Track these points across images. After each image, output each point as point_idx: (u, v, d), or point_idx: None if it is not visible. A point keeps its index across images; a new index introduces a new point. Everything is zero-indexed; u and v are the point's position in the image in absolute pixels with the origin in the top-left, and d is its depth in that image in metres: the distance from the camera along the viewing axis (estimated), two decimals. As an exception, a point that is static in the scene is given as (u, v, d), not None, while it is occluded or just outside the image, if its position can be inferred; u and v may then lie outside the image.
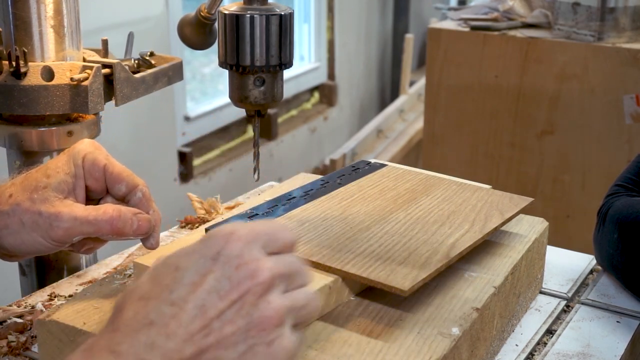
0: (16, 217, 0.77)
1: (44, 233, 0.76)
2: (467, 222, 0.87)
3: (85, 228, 0.76)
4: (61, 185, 0.78)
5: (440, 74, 2.44)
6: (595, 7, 2.16)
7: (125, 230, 0.77)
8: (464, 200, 0.93)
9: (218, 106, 3.38)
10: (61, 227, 0.76)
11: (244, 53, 0.83)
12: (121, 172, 0.80)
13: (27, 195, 0.77)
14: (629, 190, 1.05)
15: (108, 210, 0.77)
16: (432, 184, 0.99)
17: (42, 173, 0.79)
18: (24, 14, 0.98)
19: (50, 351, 0.74)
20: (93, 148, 0.81)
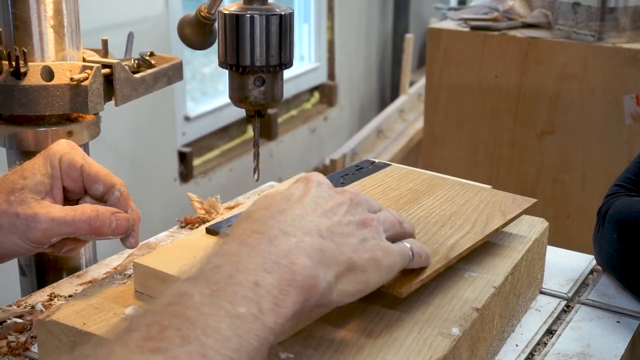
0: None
1: (21, 235, 0.76)
2: (468, 223, 0.87)
3: (63, 229, 0.76)
4: (38, 186, 0.78)
5: (440, 74, 2.44)
6: (595, 7, 2.16)
7: (104, 230, 0.77)
8: (467, 201, 0.93)
9: (218, 106, 3.38)
10: (39, 229, 0.76)
11: (244, 53, 0.83)
12: (98, 171, 0.80)
13: (4, 198, 0.77)
14: (629, 190, 1.05)
15: (86, 210, 0.77)
16: (435, 184, 0.99)
17: (19, 175, 0.78)
18: (24, 14, 0.98)
19: (50, 351, 0.74)
20: (69, 148, 0.80)
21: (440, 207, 0.91)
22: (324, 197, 0.66)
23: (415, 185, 0.98)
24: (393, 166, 1.06)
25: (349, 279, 0.62)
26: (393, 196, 0.94)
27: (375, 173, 1.02)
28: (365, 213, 0.67)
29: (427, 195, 0.95)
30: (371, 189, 0.97)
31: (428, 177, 1.01)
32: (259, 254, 0.57)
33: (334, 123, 4.25)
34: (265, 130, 3.65)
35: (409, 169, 1.05)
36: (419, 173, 1.03)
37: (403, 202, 0.92)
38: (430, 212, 0.90)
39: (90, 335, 0.70)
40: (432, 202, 0.93)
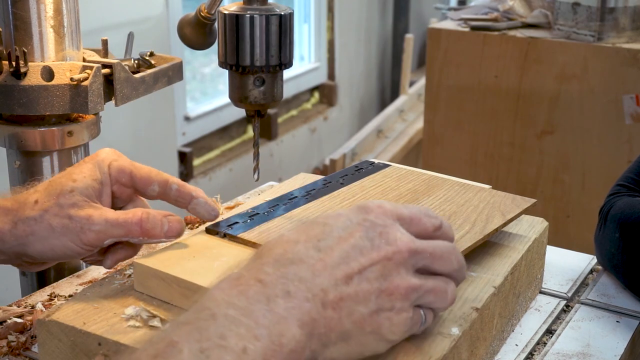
0: (44, 223, 0.76)
1: (74, 237, 0.76)
2: (468, 223, 0.87)
3: (116, 231, 0.76)
4: (88, 189, 0.78)
5: (440, 74, 2.44)
6: (595, 7, 2.16)
7: (155, 232, 0.77)
8: (466, 201, 0.93)
9: (218, 106, 3.38)
10: (93, 230, 0.76)
11: (244, 53, 0.83)
12: (149, 173, 0.81)
13: (54, 200, 0.77)
14: (631, 190, 1.05)
15: (137, 213, 0.77)
16: (434, 185, 0.99)
17: (67, 177, 0.78)
18: (24, 14, 0.98)
19: (50, 351, 0.74)
20: (116, 156, 0.81)
21: (440, 207, 0.91)
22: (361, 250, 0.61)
23: (414, 186, 0.98)
24: (392, 166, 1.06)
25: (341, 348, 0.60)
26: (392, 196, 0.94)
27: (374, 174, 1.02)
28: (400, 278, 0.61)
29: (426, 196, 0.95)
30: (371, 189, 0.97)
31: (427, 177, 1.02)
32: (253, 316, 0.55)
33: (334, 123, 4.25)
34: (265, 130, 3.65)
35: (408, 169, 1.05)
36: (418, 173, 1.03)
37: (402, 202, 0.92)
38: None
39: (90, 335, 0.71)
40: (432, 202, 0.93)
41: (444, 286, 0.64)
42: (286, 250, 0.60)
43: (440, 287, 0.64)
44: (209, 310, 0.55)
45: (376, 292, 0.60)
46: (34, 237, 0.76)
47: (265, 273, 0.58)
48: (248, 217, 0.86)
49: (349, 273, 0.60)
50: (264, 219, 0.86)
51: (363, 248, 0.61)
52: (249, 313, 0.55)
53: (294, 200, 0.93)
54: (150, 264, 0.76)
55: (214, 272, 0.75)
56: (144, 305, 0.74)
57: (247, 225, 0.84)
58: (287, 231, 0.64)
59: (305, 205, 0.91)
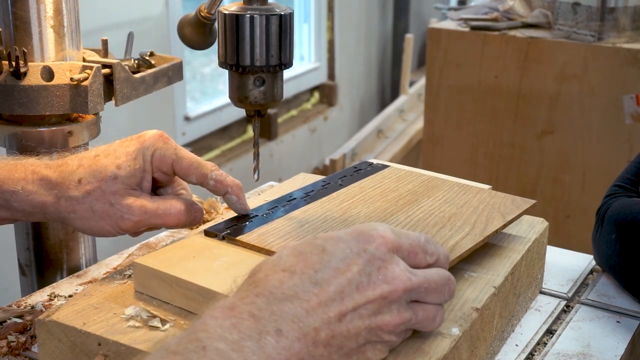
0: (86, 205, 0.80)
1: (113, 223, 0.81)
2: (468, 224, 0.87)
3: (154, 220, 0.82)
4: (130, 178, 0.82)
5: (440, 74, 2.44)
6: (595, 7, 2.16)
7: (188, 222, 0.84)
8: (466, 202, 0.93)
9: (218, 106, 3.38)
10: (132, 220, 0.81)
11: (244, 53, 0.83)
12: (189, 165, 0.84)
13: (97, 184, 0.81)
14: (628, 191, 1.05)
15: (175, 205, 0.83)
16: (433, 186, 0.98)
17: (112, 161, 0.82)
18: (24, 14, 0.98)
19: (50, 351, 0.74)
20: (162, 143, 0.85)
21: (440, 209, 0.91)
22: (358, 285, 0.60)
23: (414, 187, 0.98)
24: (391, 167, 1.05)
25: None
26: (392, 198, 0.94)
27: (373, 175, 1.02)
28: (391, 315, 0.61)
29: (425, 197, 0.94)
30: (370, 190, 0.96)
31: (427, 178, 1.01)
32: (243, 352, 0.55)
33: (334, 123, 4.25)
34: (265, 130, 3.65)
35: (407, 170, 1.05)
36: (417, 174, 1.03)
37: (402, 203, 0.92)
38: (430, 213, 0.89)
39: (90, 335, 0.71)
40: (431, 203, 0.92)
41: (433, 314, 0.65)
42: (282, 282, 0.59)
43: (430, 315, 0.65)
44: (199, 342, 0.55)
45: (367, 328, 0.60)
46: (75, 215, 0.81)
47: (259, 308, 0.57)
48: (247, 219, 0.86)
49: (343, 311, 0.59)
50: (263, 220, 0.86)
51: (359, 284, 0.60)
52: (239, 349, 0.55)
53: (293, 202, 0.92)
54: (150, 264, 0.76)
55: (213, 272, 0.75)
56: (144, 306, 0.74)
57: (247, 227, 0.84)
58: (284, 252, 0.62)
59: (304, 207, 0.91)
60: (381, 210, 0.90)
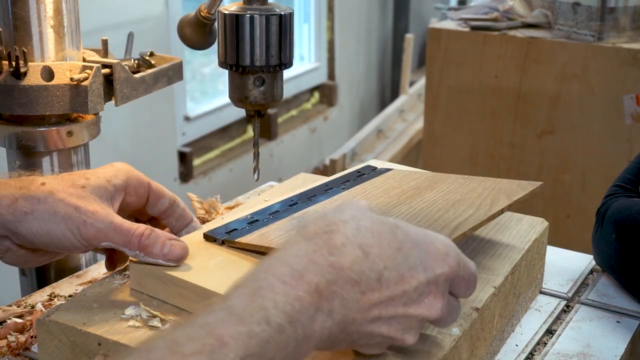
0: (48, 205, 0.74)
1: (74, 228, 0.74)
2: (472, 207, 0.85)
3: (117, 237, 0.75)
4: (100, 189, 0.77)
5: (440, 74, 2.44)
6: (595, 7, 2.16)
7: (154, 251, 0.75)
8: (470, 190, 0.91)
9: (218, 106, 3.38)
10: (94, 227, 0.74)
11: (243, 53, 0.83)
12: (161, 187, 0.83)
13: (64, 188, 0.75)
14: (627, 191, 1.05)
15: (141, 227, 0.76)
16: (437, 180, 0.97)
17: (81, 175, 0.78)
18: (24, 14, 0.98)
19: (50, 351, 0.74)
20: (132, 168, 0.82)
21: (444, 198, 0.89)
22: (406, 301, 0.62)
23: (417, 183, 0.96)
24: (395, 170, 1.04)
25: None
26: (395, 194, 0.93)
27: (377, 177, 1.01)
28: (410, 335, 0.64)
29: (429, 190, 0.93)
30: (373, 189, 0.96)
31: (431, 175, 1.00)
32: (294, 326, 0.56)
33: (334, 123, 4.25)
34: (265, 130, 3.65)
35: (411, 170, 1.03)
36: (422, 173, 1.02)
37: (405, 197, 0.91)
38: (433, 202, 0.87)
39: (90, 335, 0.70)
40: (435, 194, 0.91)
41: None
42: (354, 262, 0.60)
43: None
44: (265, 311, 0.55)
45: (387, 336, 0.62)
46: (33, 217, 0.74)
47: (326, 282, 0.58)
48: (247, 224, 0.85)
49: (382, 316, 0.61)
50: (264, 223, 0.85)
51: (409, 299, 0.62)
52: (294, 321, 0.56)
53: (294, 207, 0.91)
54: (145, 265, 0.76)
55: (209, 271, 0.75)
56: (144, 306, 0.74)
57: (246, 230, 0.83)
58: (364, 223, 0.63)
59: (305, 209, 0.90)
60: (384, 204, 0.88)
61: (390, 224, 0.63)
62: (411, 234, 0.63)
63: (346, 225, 0.62)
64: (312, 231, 0.62)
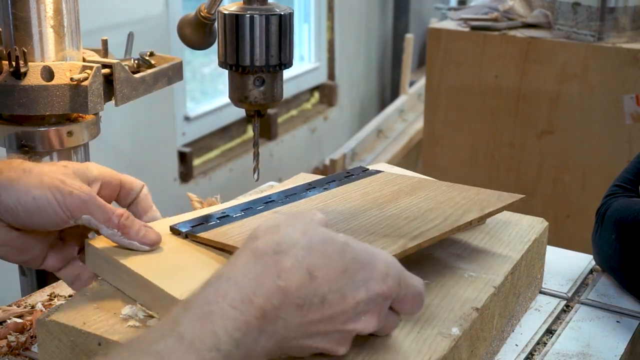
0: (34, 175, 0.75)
1: (60, 197, 0.74)
2: (440, 217, 0.84)
3: (99, 212, 0.76)
4: (80, 173, 0.79)
5: (440, 74, 2.44)
6: (595, 7, 2.16)
7: (131, 232, 0.77)
8: (448, 199, 0.90)
9: (218, 106, 3.38)
10: (80, 198, 0.75)
11: (243, 53, 0.83)
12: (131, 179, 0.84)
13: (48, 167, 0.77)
14: (627, 191, 1.05)
15: (122, 209, 0.79)
16: (420, 187, 0.96)
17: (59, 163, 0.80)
18: (24, 14, 0.98)
19: (50, 351, 0.74)
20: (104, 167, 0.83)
21: (417, 205, 0.88)
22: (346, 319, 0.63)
23: (399, 188, 0.95)
24: (384, 172, 1.02)
25: None
26: (372, 198, 0.92)
27: (362, 179, 1.00)
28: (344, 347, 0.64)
29: (407, 196, 0.92)
30: (352, 192, 0.94)
31: (417, 180, 0.99)
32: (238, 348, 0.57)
33: (334, 123, 4.25)
34: (265, 130, 3.65)
35: (399, 175, 1.02)
36: (408, 178, 1.00)
37: (380, 202, 0.90)
38: (405, 209, 0.87)
39: (90, 335, 0.71)
40: (411, 201, 0.90)
41: None
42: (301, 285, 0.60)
43: None
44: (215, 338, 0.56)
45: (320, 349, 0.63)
46: (19, 184, 0.74)
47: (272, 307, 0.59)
48: (217, 219, 0.85)
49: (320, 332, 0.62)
50: (232, 219, 0.85)
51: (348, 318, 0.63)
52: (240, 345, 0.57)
53: (270, 204, 0.90)
54: (100, 246, 0.77)
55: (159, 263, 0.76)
56: (140, 305, 0.74)
57: (213, 226, 0.83)
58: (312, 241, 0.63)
59: (278, 207, 0.89)
60: (355, 209, 0.88)
61: (340, 244, 0.63)
62: (359, 254, 0.64)
63: (296, 246, 0.62)
64: (262, 249, 0.62)
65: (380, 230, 0.80)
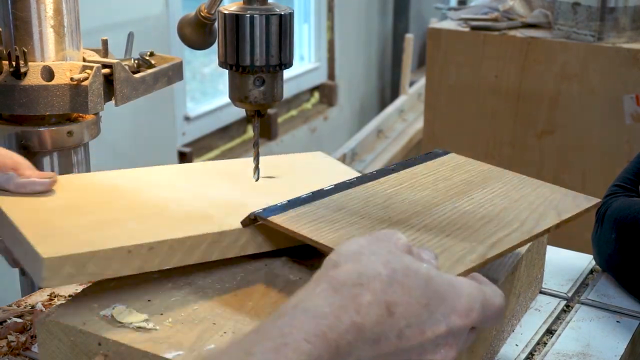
0: None
1: None
2: (517, 221, 0.81)
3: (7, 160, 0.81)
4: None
5: (440, 74, 2.44)
6: (595, 7, 2.16)
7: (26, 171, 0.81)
8: (522, 197, 0.87)
9: (218, 106, 3.38)
10: None
11: (244, 53, 0.83)
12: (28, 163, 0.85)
13: None
14: (627, 191, 1.05)
15: None
16: (491, 177, 0.93)
17: None
18: (24, 14, 0.98)
19: (50, 351, 0.74)
20: None
21: (491, 202, 0.85)
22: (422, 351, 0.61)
23: (469, 177, 0.92)
24: (452, 155, 1.00)
25: None
26: (443, 187, 0.89)
27: (430, 161, 0.97)
28: None
29: (480, 188, 0.89)
30: (421, 177, 0.92)
31: (487, 168, 0.96)
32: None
33: (334, 123, 4.25)
34: (265, 130, 3.65)
35: (467, 159, 1.00)
36: (477, 164, 0.98)
37: (452, 193, 0.87)
38: (479, 206, 0.84)
39: (90, 335, 0.70)
40: (484, 195, 0.87)
41: None
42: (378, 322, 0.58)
43: None
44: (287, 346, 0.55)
45: None
46: None
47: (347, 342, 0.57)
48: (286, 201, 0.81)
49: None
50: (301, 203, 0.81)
51: (424, 350, 0.61)
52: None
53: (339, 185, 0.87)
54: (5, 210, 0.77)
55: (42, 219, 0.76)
56: (131, 307, 0.74)
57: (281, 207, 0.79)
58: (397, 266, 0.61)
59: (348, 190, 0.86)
60: (428, 200, 0.85)
61: (423, 277, 0.61)
62: (441, 288, 0.62)
63: (376, 280, 0.60)
64: (342, 280, 0.60)
65: (456, 232, 0.77)
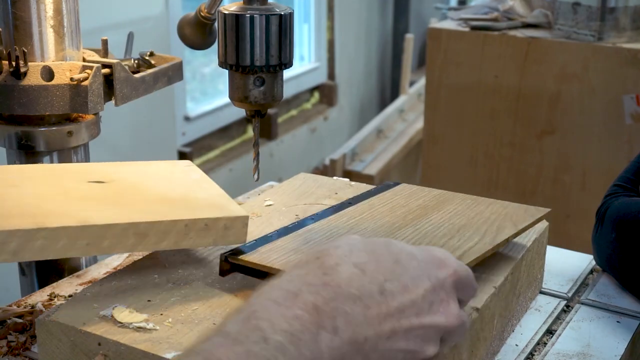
0: None
1: None
2: (477, 234, 0.85)
3: None
4: None
5: (440, 74, 2.44)
6: (595, 7, 2.16)
7: None
8: (477, 214, 0.91)
9: (218, 106, 3.38)
10: None
11: (244, 53, 0.83)
12: None
13: None
14: (628, 190, 1.05)
15: None
16: (444, 200, 0.97)
17: None
18: (24, 14, 0.98)
19: (50, 351, 0.74)
20: None
21: (450, 221, 0.89)
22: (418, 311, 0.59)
23: (424, 202, 0.96)
24: (403, 185, 1.04)
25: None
26: (401, 213, 0.92)
27: (383, 192, 1.00)
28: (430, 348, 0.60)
29: (436, 211, 0.93)
30: (379, 206, 0.95)
31: (438, 194, 1.00)
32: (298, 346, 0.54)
33: (334, 123, 4.25)
34: (265, 130, 3.65)
35: (419, 187, 1.03)
36: (428, 191, 1.01)
37: (411, 217, 0.91)
38: (439, 225, 0.87)
39: (90, 335, 0.71)
40: (441, 216, 0.90)
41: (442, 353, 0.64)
42: (351, 279, 0.58)
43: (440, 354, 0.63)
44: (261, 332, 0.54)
45: (408, 351, 0.59)
46: None
47: (324, 300, 0.56)
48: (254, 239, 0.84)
49: (396, 329, 0.58)
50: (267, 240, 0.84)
51: (420, 309, 0.59)
52: (296, 341, 0.54)
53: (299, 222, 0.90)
54: None
55: None
56: (131, 307, 0.74)
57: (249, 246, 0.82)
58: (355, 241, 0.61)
59: (310, 225, 0.89)
60: (388, 226, 0.88)
61: (382, 241, 0.62)
62: (405, 247, 0.62)
63: (338, 249, 0.60)
64: (304, 259, 0.60)
65: None
